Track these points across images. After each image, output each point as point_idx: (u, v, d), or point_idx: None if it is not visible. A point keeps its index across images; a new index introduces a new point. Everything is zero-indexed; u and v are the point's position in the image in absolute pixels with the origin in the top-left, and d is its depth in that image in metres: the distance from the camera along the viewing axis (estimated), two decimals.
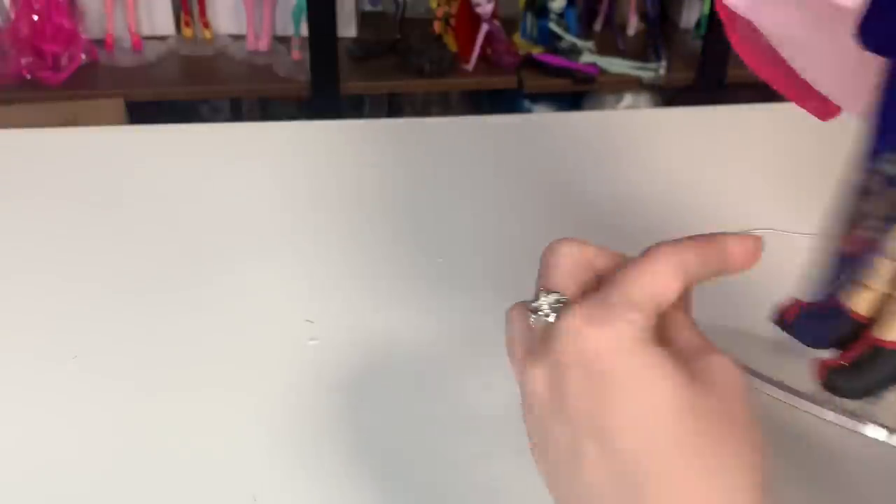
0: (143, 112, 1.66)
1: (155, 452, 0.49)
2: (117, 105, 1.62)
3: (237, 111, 1.91)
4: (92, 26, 1.71)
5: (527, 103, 1.83)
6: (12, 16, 1.62)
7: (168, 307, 0.59)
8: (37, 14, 1.60)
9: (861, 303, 0.40)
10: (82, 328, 0.57)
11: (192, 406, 0.52)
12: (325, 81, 1.66)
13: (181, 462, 0.49)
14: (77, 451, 0.49)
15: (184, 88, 1.69)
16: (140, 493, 0.47)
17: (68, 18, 1.63)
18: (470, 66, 1.75)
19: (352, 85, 1.70)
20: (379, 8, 1.89)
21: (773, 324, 0.42)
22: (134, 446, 0.49)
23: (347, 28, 1.78)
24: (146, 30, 1.75)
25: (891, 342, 0.39)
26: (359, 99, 1.90)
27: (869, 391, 0.40)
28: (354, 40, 1.78)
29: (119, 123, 1.60)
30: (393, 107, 1.96)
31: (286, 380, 0.54)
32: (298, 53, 1.72)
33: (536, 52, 1.77)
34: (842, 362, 0.40)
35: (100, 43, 1.71)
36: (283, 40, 1.77)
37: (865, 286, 0.40)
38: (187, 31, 1.76)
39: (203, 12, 1.75)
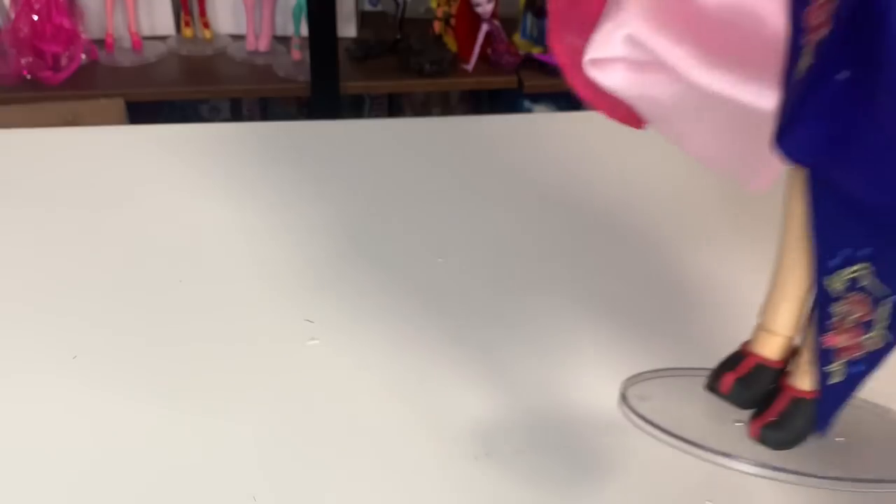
0: (143, 112, 1.66)
1: (155, 452, 0.49)
2: (117, 105, 1.61)
3: (237, 111, 1.91)
4: (92, 26, 1.71)
5: (527, 103, 1.82)
6: (12, 16, 1.62)
7: (168, 307, 0.59)
8: (37, 14, 1.60)
9: (767, 348, 0.42)
10: (82, 328, 0.57)
11: (192, 406, 0.52)
12: (325, 81, 1.65)
13: (181, 462, 0.48)
14: (77, 450, 0.49)
15: (184, 88, 1.69)
16: (140, 492, 0.47)
17: (68, 18, 1.63)
18: (470, 66, 1.74)
19: (352, 85, 1.70)
20: (379, 8, 1.89)
21: (708, 391, 0.43)
22: (134, 446, 0.49)
23: (347, 28, 1.78)
24: (146, 30, 1.75)
25: (806, 392, 0.40)
26: (359, 99, 1.90)
27: (796, 441, 0.41)
28: (354, 40, 1.78)
29: (119, 123, 1.60)
30: (393, 107, 1.95)
31: (286, 380, 0.54)
32: (298, 53, 1.72)
33: (536, 52, 1.77)
34: (770, 418, 0.41)
35: (100, 43, 1.70)
36: (282, 40, 1.77)
37: (771, 332, 0.42)
38: (187, 31, 1.76)
39: (203, 12, 1.75)
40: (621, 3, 0.38)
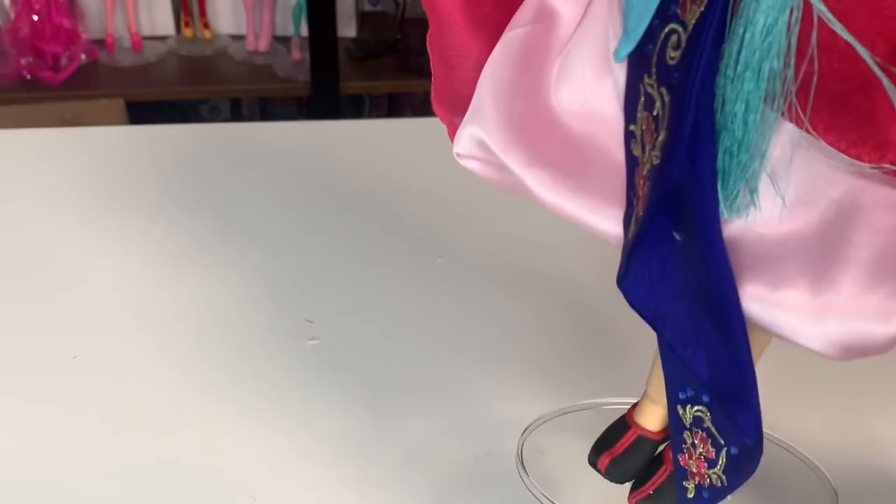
0: (143, 112, 1.66)
1: (154, 452, 0.49)
2: (117, 105, 1.61)
3: (237, 111, 1.91)
4: (92, 26, 1.71)
5: None
6: (12, 16, 1.62)
7: (167, 306, 0.59)
8: (37, 14, 1.60)
9: (649, 418, 0.42)
10: (82, 328, 0.57)
11: (192, 406, 0.52)
12: (325, 81, 1.65)
13: (181, 462, 0.48)
14: (76, 451, 0.49)
15: (184, 88, 1.69)
16: (140, 493, 0.47)
17: (68, 18, 1.63)
18: None
19: (352, 85, 1.70)
20: (379, 8, 1.89)
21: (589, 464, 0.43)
22: (133, 446, 0.49)
23: (347, 28, 1.78)
24: (146, 30, 1.75)
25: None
26: (359, 99, 1.90)
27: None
28: (354, 40, 1.78)
29: (119, 123, 1.60)
30: (393, 107, 1.95)
31: (286, 380, 0.54)
32: (298, 53, 1.72)
33: None
34: (647, 492, 0.41)
35: (100, 43, 1.71)
36: (282, 40, 1.77)
37: (654, 401, 0.41)
38: (187, 31, 1.76)
39: (203, 12, 1.75)
40: (479, 102, 0.37)
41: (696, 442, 0.35)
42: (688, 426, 0.35)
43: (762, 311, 0.31)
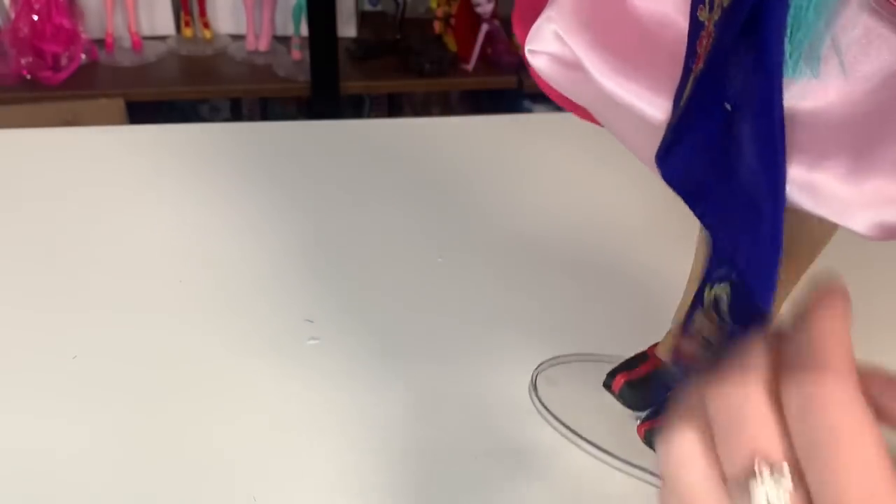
0: (143, 112, 1.66)
1: (155, 453, 0.49)
2: (117, 105, 1.61)
3: (237, 111, 1.91)
4: (92, 26, 1.71)
5: (527, 103, 1.82)
6: (12, 16, 1.62)
7: (168, 307, 0.59)
8: (37, 14, 1.60)
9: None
10: (82, 328, 0.57)
11: (192, 406, 0.52)
12: (325, 81, 1.65)
13: (181, 462, 0.48)
14: (77, 451, 0.49)
15: (184, 88, 1.69)
16: (140, 493, 0.47)
17: (68, 18, 1.63)
18: (470, 66, 1.75)
19: (352, 85, 1.70)
20: (379, 8, 1.89)
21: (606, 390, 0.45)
22: (134, 446, 0.49)
23: (347, 28, 1.78)
24: (146, 30, 1.75)
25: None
26: (359, 99, 1.90)
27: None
28: (354, 40, 1.78)
29: (119, 123, 1.60)
30: (393, 107, 1.95)
31: (286, 380, 0.54)
32: (298, 53, 1.72)
33: None
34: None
35: (100, 43, 1.71)
36: (282, 40, 1.77)
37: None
38: (187, 31, 1.76)
39: (203, 12, 1.75)
40: None
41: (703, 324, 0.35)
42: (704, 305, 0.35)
43: (799, 192, 0.30)
